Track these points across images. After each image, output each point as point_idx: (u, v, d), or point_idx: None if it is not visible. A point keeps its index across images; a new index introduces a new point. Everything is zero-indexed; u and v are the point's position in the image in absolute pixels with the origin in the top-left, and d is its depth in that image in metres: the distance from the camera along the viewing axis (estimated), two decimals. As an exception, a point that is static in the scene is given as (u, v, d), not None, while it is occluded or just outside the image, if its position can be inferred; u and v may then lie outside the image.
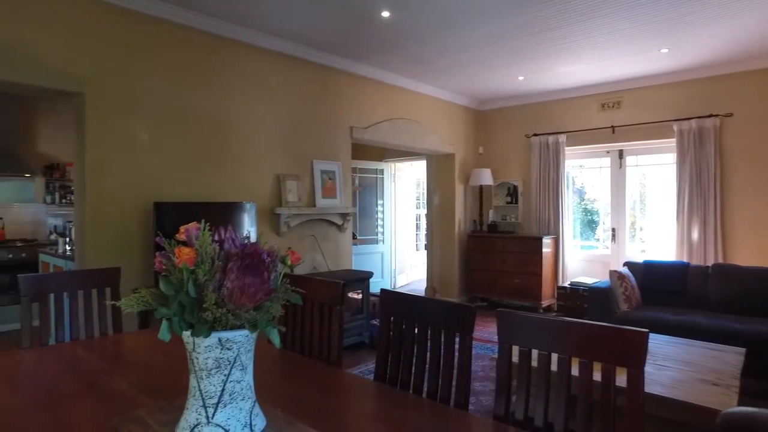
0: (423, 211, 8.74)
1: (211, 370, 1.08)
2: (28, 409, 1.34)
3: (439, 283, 6.80)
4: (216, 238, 1.07)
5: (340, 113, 5.02)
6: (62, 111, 6.26)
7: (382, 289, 1.66)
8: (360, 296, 4.53)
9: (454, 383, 1.46)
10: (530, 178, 6.51)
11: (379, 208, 7.71)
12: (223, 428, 1.09)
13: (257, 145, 4.32)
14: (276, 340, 1.08)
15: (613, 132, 5.83)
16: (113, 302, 1.08)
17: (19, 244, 5.59)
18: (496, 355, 3.17)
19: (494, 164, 6.90)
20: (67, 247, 4.65)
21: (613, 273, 4.49)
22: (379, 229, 7.72)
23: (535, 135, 6.42)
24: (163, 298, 1.08)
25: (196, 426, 1.09)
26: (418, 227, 8.83)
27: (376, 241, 7.59)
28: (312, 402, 1.43)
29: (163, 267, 1.04)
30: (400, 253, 8.04)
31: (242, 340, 1.08)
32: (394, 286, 7.81)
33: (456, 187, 6.71)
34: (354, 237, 5.51)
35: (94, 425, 1.24)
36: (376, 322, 4.69)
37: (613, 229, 6.12)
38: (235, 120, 4.16)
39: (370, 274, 4.65)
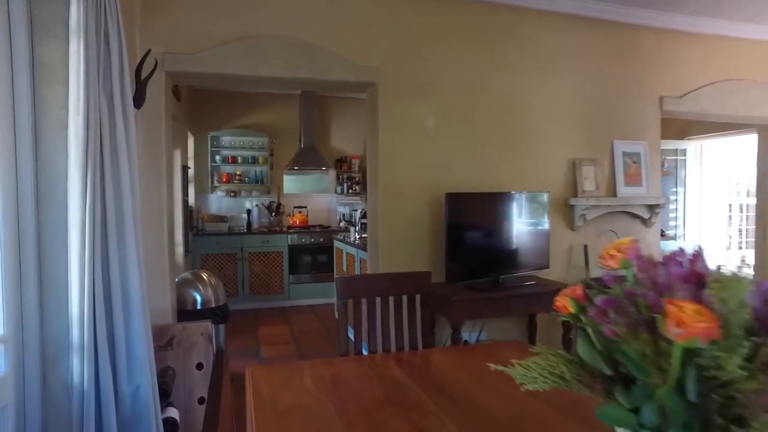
0: (740, 200, 6.83)
1: None
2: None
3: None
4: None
5: (646, 81, 4.03)
6: (348, 109, 6.83)
7: None
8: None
9: None
10: None
11: (678, 196, 6.29)
12: None
13: (548, 126, 3.74)
14: None
15: None
16: (500, 366, 0.64)
17: (317, 230, 6.28)
18: None
19: None
20: (356, 236, 4.91)
21: None
22: (677, 221, 6.30)
23: None
24: (591, 379, 0.61)
25: None
26: (730, 219, 6.96)
27: (673, 237, 6.21)
28: None
29: (612, 332, 0.56)
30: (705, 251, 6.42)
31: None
32: (698, 293, 6.28)
33: (805, 169, 4.89)
34: (662, 234, 4.46)
35: None
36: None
37: None
38: (524, 99, 3.66)
39: (692, 284, 3.60)
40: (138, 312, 1.88)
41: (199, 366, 2.37)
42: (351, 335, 3.06)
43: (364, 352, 1.79)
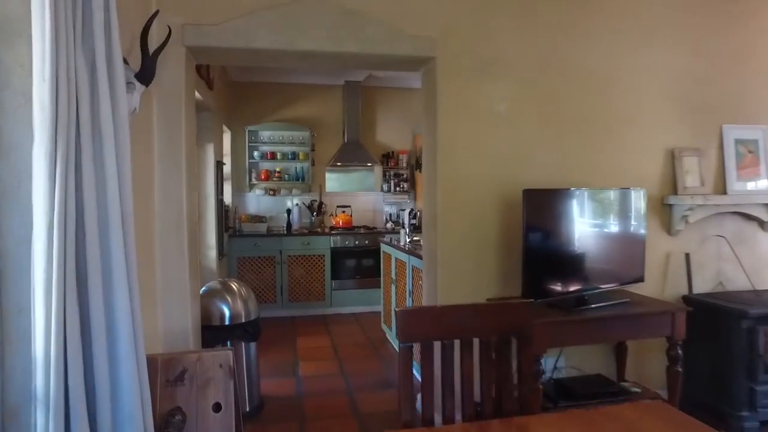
0: None
1: None
2: None
3: None
4: None
5: (764, 50, 3.28)
6: (395, 100, 6.31)
7: None
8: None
9: None
10: None
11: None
12: None
13: (640, 109, 3.07)
14: None
15: None
16: None
17: (362, 231, 5.77)
18: None
19: None
20: (407, 239, 4.36)
21: None
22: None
23: None
24: None
25: None
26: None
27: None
28: None
29: None
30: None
31: None
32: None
33: None
34: (784, 240, 3.67)
35: None
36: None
37: None
38: (611, 77, 3.01)
39: (834, 305, 2.84)
40: (126, 346, 1.40)
41: (217, 407, 1.88)
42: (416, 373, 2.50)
43: (437, 420, 1.23)
